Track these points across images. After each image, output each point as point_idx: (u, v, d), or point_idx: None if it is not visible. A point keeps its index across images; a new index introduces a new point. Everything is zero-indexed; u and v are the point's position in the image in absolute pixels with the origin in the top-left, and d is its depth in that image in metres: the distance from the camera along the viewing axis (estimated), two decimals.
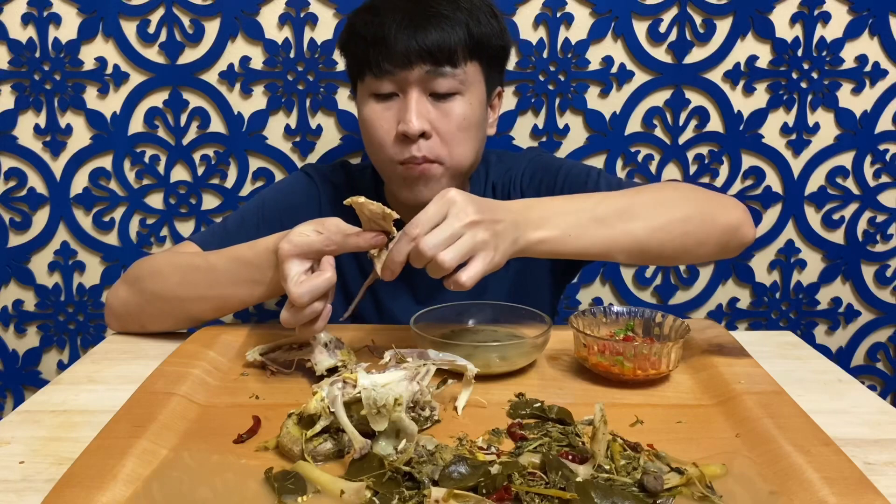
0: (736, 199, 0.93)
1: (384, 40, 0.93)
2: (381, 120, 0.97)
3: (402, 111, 0.95)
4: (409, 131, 0.94)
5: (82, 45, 1.39)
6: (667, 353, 0.78)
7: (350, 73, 1.04)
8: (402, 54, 0.92)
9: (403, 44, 0.92)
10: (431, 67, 0.93)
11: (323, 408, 0.62)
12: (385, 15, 0.94)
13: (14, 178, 1.45)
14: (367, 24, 0.95)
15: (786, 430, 0.65)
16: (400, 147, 0.96)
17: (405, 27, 0.92)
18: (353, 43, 0.98)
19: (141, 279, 0.97)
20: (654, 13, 1.40)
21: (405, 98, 0.95)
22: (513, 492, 0.55)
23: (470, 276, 0.72)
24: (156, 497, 0.56)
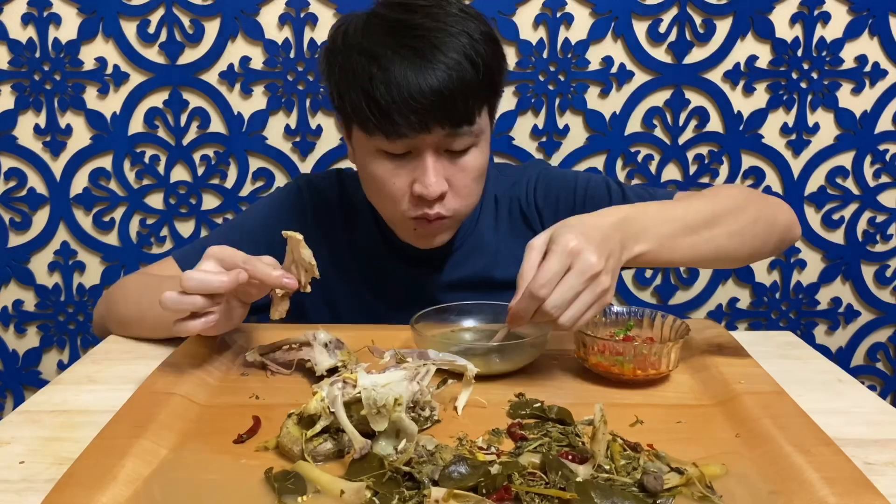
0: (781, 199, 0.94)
1: (397, 104, 0.84)
2: (394, 178, 0.90)
3: (417, 172, 0.88)
4: (428, 195, 0.88)
5: (82, 45, 1.39)
6: (667, 353, 0.78)
7: (345, 118, 0.93)
8: (419, 119, 0.84)
9: (420, 108, 0.84)
10: (451, 129, 0.87)
11: (323, 408, 0.62)
12: (389, 69, 0.84)
13: (14, 178, 1.45)
14: (370, 80, 0.85)
15: (786, 430, 0.65)
16: (413, 205, 0.91)
17: (418, 89, 0.83)
18: (354, 96, 0.87)
19: (109, 301, 1.00)
20: (654, 13, 1.40)
21: (420, 159, 0.88)
22: (513, 492, 0.55)
23: (579, 326, 0.73)
24: (156, 497, 0.56)
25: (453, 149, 0.89)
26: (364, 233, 1.06)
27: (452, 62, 0.85)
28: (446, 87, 0.84)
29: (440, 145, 0.88)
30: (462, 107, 0.86)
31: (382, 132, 0.86)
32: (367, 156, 0.91)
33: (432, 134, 0.86)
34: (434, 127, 0.86)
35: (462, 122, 0.87)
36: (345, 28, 0.90)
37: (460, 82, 0.85)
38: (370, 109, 0.85)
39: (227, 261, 0.76)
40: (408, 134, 0.85)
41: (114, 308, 0.98)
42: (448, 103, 0.85)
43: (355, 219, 1.07)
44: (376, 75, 0.84)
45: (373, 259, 1.05)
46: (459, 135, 0.88)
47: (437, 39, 0.85)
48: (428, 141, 0.87)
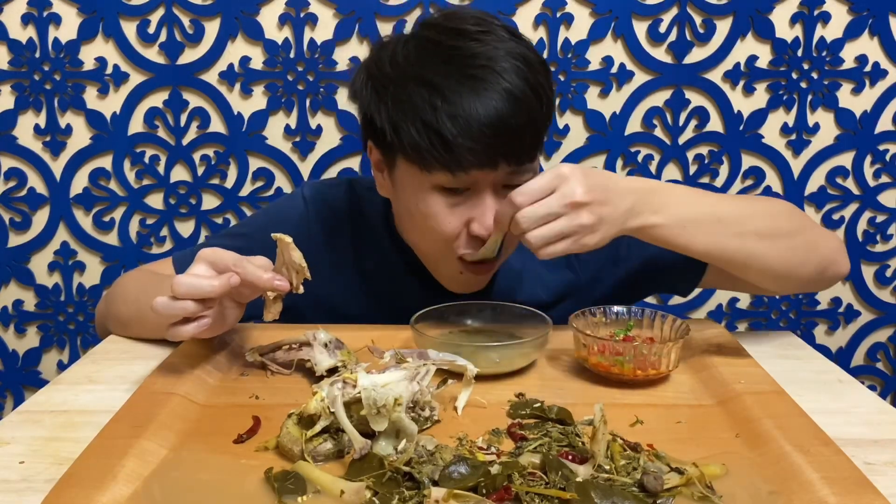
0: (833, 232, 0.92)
1: (467, 138, 0.79)
2: (450, 216, 0.84)
3: (476, 210, 0.84)
4: (485, 236, 0.84)
5: (82, 45, 1.39)
6: (667, 353, 0.78)
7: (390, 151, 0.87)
8: (487, 155, 0.80)
9: (489, 147, 0.80)
10: (516, 166, 0.83)
11: (323, 408, 0.62)
12: (457, 104, 0.79)
13: (14, 178, 1.45)
14: (434, 112, 0.79)
15: (786, 430, 0.65)
16: (466, 243, 0.86)
17: (488, 126, 0.79)
18: (413, 129, 0.81)
19: (108, 301, 1.00)
20: (654, 13, 1.40)
21: (479, 196, 0.83)
22: (513, 492, 0.55)
23: (546, 253, 0.73)
24: (156, 497, 0.56)
25: (512, 184, 0.82)
26: (378, 250, 1.01)
27: (518, 93, 0.80)
28: (514, 119, 0.80)
29: (500, 182, 0.84)
30: (529, 140, 0.83)
31: (446, 167, 0.81)
32: (418, 192, 0.85)
33: (497, 171, 0.82)
34: (500, 163, 0.81)
35: (527, 157, 0.84)
36: (391, 54, 0.85)
37: (527, 114, 0.81)
38: (433, 144, 0.80)
39: (218, 263, 0.75)
40: (473, 170, 0.81)
41: (113, 308, 0.98)
42: (515, 137, 0.81)
43: (368, 234, 1.02)
44: (441, 107, 0.79)
45: (386, 278, 1.01)
46: (521, 171, 0.84)
47: (500, 69, 0.80)
48: (490, 178, 0.83)
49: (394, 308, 0.99)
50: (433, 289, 0.98)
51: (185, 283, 0.73)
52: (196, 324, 0.74)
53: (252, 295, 0.79)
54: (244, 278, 0.74)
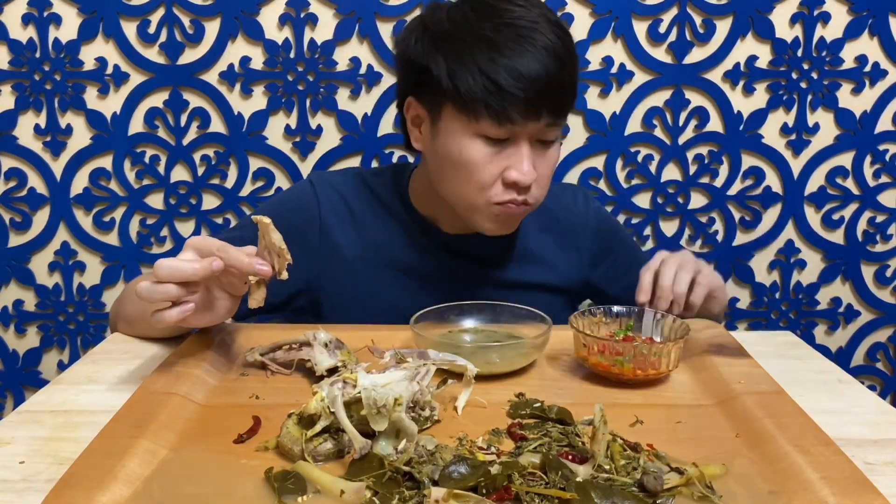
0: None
1: (519, 90, 0.87)
2: (489, 164, 0.92)
3: (513, 159, 0.92)
4: (524, 182, 0.92)
5: (82, 45, 1.39)
6: (667, 353, 0.78)
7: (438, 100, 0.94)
8: (533, 106, 0.89)
9: (536, 97, 0.88)
10: (553, 119, 0.91)
11: (323, 408, 0.62)
12: (512, 57, 0.88)
13: (14, 178, 1.45)
14: (491, 63, 0.88)
15: (786, 430, 0.65)
16: (503, 190, 0.93)
17: (537, 78, 0.88)
18: (470, 77, 0.89)
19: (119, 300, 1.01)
20: (654, 13, 1.40)
21: (517, 146, 0.92)
22: (513, 492, 0.55)
23: (695, 299, 0.89)
24: (156, 497, 0.56)
25: (545, 139, 0.94)
26: (397, 226, 1.06)
27: (560, 52, 0.90)
28: (559, 76, 0.89)
29: (536, 134, 0.93)
30: (569, 96, 0.93)
31: (494, 116, 0.89)
32: (461, 139, 0.93)
33: (540, 123, 0.91)
34: (544, 114, 0.90)
35: (564, 111, 0.93)
36: (447, 13, 0.94)
37: (568, 72, 0.91)
38: (488, 91, 0.88)
39: (202, 249, 0.75)
40: (518, 120, 0.89)
41: (121, 307, 0.99)
42: (558, 92, 0.90)
43: (382, 213, 1.07)
44: (500, 60, 0.88)
45: (408, 250, 1.06)
46: (556, 125, 0.93)
47: (543, 30, 0.90)
48: (530, 129, 0.91)
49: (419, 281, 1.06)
50: (455, 252, 1.06)
51: (167, 266, 0.73)
52: (179, 308, 0.74)
53: (240, 283, 0.80)
54: (227, 262, 0.75)
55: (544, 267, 1.10)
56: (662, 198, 1.49)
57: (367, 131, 1.43)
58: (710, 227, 1.51)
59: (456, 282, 1.05)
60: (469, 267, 1.07)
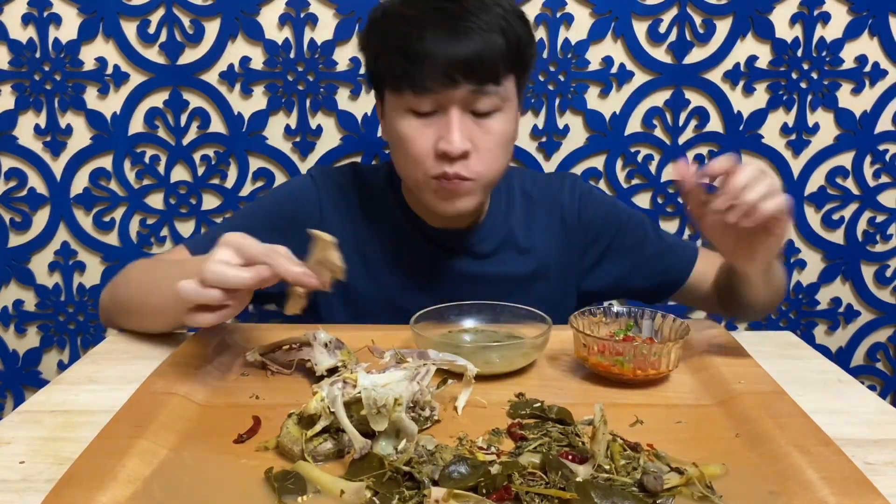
0: None
1: (428, 57, 0.89)
2: (421, 137, 0.93)
3: (442, 129, 0.92)
4: (451, 151, 0.91)
5: (82, 45, 1.39)
6: (667, 353, 0.78)
7: (376, 81, 1.00)
8: (447, 74, 0.89)
9: (448, 63, 0.89)
10: (476, 87, 0.91)
11: (323, 408, 0.62)
12: (424, 28, 0.89)
13: (14, 178, 1.45)
14: (405, 38, 0.90)
15: (786, 430, 0.65)
16: (436, 163, 0.93)
17: (448, 44, 0.89)
18: (388, 56, 0.93)
19: (113, 286, 1.00)
20: (654, 13, 1.40)
21: (446, 116, 0.92)
22: (513, 492, 0.55)
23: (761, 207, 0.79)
24: (156, 497, 0.56)
25: (478, 109, 0.93)
26: (389, 220, 1.07)
27: (483, 24, 0.90)
28: (475, 44, 0.89)
29: (466, 104, 0.92)
30: (489, 65, 0.91)
31: (411, 87, 0.90)
32: (396, 117, 0.95)
33: (458, 90, 0.90)
34: (461, 82, 0.89)
35: (487, 79, 0.91)
36: (384, 7, 0.97)
37: (488, 43, 0.90)
38: (402, 65, 0.90)
39: (244, 251, 0.74)
40: (435, 88, 0.90)
41: (115, 293, 0.98)
42: (475, 60, 0.89)
43: (376, 206, 1.08)
44: (411, 33, 0.90)
45: (397, 244, 1.07)
46: (485, 93, 0.92)
47: (470, 5, 0.90)
48: (454, 97, 0.91)
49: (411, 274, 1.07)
50: (442, 246, 1.07)
51: (216, 272, 0.71)
52: (218, 314, 0.73)
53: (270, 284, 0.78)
54: (275, 270, 0.73)
55: (532, 258, 1.10)
56: (662, 198, 1.49)
57: (367, 131, 1.43)
58: None
59: (444, 275, 1.06)
60: (456, 260, 1.07)
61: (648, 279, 1.13)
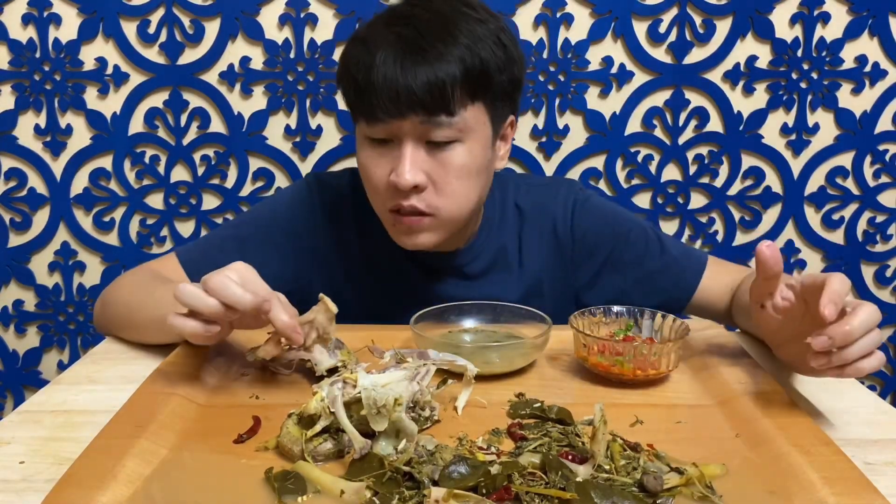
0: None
1: (374, 86, 0.85)
2: (376, 166, 0.90)
3: (395, 160, 0.88)
4: (400, 184, 0.87)
5: (82, 45, 1.39)
6: (667, 353, 0.78)
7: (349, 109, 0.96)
8: (393, 103, 0.84)
9: (394, 91, 0.84)
10: (425, 117, 0.86)
11: (323, 408, 0.62)
12: (375, 54, 0.85)
13: (14, 178, 1.45)
14: (357, 64, 0.87)
15: (786, 430, 0.65)
16: (392, 195, 0.90)
17: (395, 72, 0.84)
18: (345, 82, 0.91)
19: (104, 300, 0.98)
20: (654, 13, 1.40)
21: (399, 147, 0.88)
22: (513, 492, 0.55)
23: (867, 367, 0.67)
24: (156, 497, 0.56)
25: (433, 139, 0.88)
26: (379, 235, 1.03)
27: (435, 53, 0.84)
28: (423, 74, 0.84)
29: (420, 135, 0.87)
30: (438, 94, 0.85)
31: (363, 115, 0.88)
32: (359, 148, 0.93)
33: (408, 120, 0.86)
34: (408, 113, 0.85)
35: (438, 110, 0.86)
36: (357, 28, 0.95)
37: (440, 72, 0.84)
38: (354, 93, 0.88)
39: (249, 282, 0.72)
40: (383, 118, 0.86)
41: (107, 309, 0.97)
42: (425, 90, 0.84)
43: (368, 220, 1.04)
44: (363, 59, 0.86)
45: (387, 263, 1.03)
46: (438, 125, 0.86)
47: (426, 30, 0.86)
48: (405, 128, 0.87)
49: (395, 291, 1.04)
50: (433, 272, 1.03)
51: (221, 283, 0.70)
52: (205, 326, 0.71)
53: (254, 326, 0.78)
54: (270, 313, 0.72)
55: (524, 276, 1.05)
56: (662, 198, 1.49)
57: None
58: (710, 227, 1.51)
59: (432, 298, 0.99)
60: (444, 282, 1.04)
61: (651, 296, 1.03)
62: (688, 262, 1.06)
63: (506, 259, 1.05)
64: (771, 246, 0.71)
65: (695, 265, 1.05)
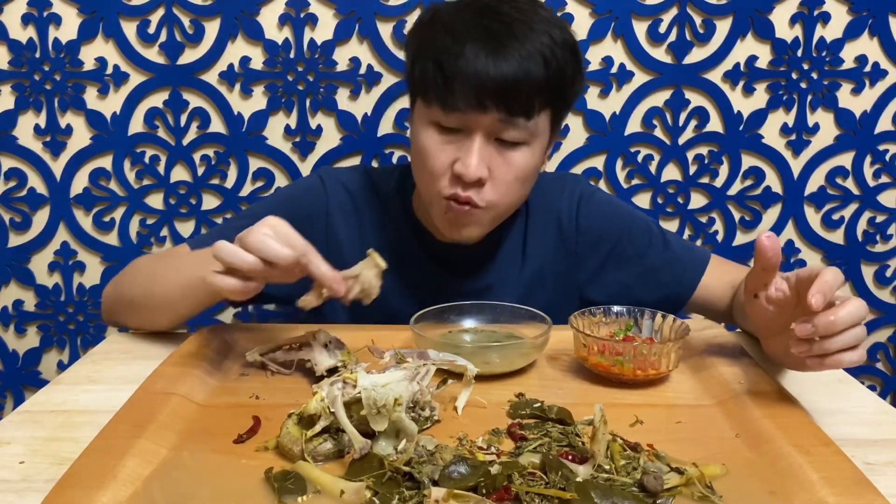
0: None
1: (461, 76, 0.85)
2: (440, 152, 0.90)
3: (462, 150, 0.89)
4: (466, 176, 0.88)
5: (82, 45, 1.39)
6: (667, 353, 0.78)
7: (410, 85, 0.96)
8: (478, 97, 0.86)
9: (482, 86, 0.85)
10: (506, 116, 0.87)
11: (323, 408, 0.62)
12: (464, 43, 0.86)
13: (14, 178, 1.45)
14: (445, 51, 0.87)
15: (786, 430, 0.65)
16: (450, 183, 0.91)
17: (486, 67, 0.85)
18: (424, 63, 0.90)
19: (117, 282, 0.99)
20: (654, 13, 1.40)
21: (469, 138, 0.89)
22: (513, 492, 0.55)
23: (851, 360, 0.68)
24: (156, 497, 0.56)
25: (504, 138, 0.89)
26: (393, 228, 1.05)
27: (525, 53, 0.86)
28: (513, 73, 0.85)
29: (492, 131, 0.89)
30: (523, 97, 0.87)
31: (440, 102, 0.88)
32: (420, 126, 0.93)
33: (487, 115, 0.87)
34: (490, 108, 0.86)
35: (519, 112, 0.88)
36: (435, 9, 0.94)
37: (527, 73, 0.86)
38: (435, 78, 0.87)
39: (286, 237, 0.74)
40: (463, 109, 0.87)
41: (120, 288, 0.97)
42: (510, 89, 0.86)
43: (384, 214, 1.06)
44: (451, 48, 0.87)
45: (400, 255, 1.03)
46: (513, 125, 0.88)
47: (517, 29, 0.87)
48: (481, 122, 0.88)
49: (408, 285, 1.05)
50: (445, 265, 1.04)
51: (259, 240, 0.72)
52: (243, 283, 0.73)
53: (288, 280, 0.78)
54: (309, 266, 0.74)
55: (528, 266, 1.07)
56: (662, 198, 1.49)
57: (367, 131, 1.43)
58: (710, 227, 1.51)
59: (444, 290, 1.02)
60: (454, 276, 1.05)
61: (653, 291, 1.06)
62: (690, 259, 1.07)
63: (510, 251, 1.07)
64: (771, 237, 0.71)
65: (697, 262, 1.07)
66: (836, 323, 0.65)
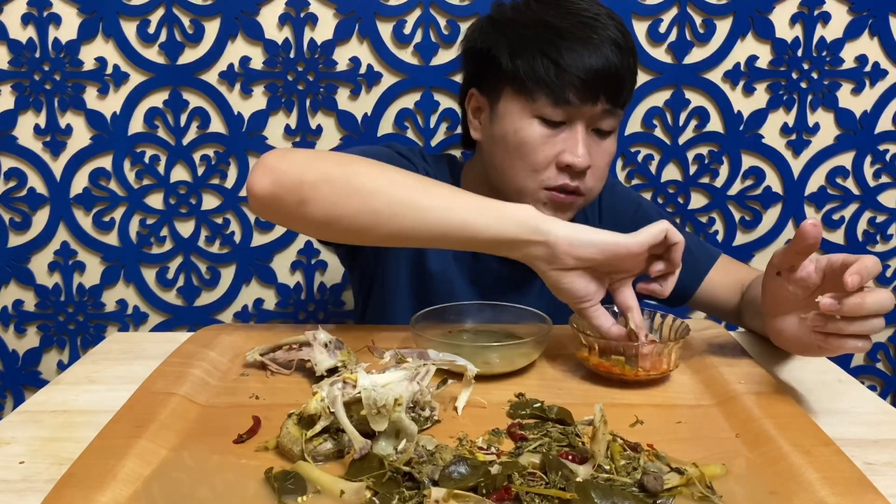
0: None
1: (576, 71, 0.90)
2: (546, 145, 0.94)
3: (568, 142, 0.93)
4: (578, 165, 0.92)
5: (82, 45, 1.39)
6: (667, 353, 0.78)
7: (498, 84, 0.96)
8: (590, 90, 0.91)
9: (594, 79, 0.90)
10: (610, 106, 0.93)
11: (323, 408, 0.62)
12: (577, 44, 0.91)
13: (14, 178, 1.45)
14: (560, 49, 0.91)
15: (786, 430, 0.65)
16: (556, 174, 0.94)
17: (595, 62, 0.90)
18: (535, 60, 0.92)
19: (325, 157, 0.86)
20: (654, 13, 1.40)
21: (572, 129, 0.93)
22: (513, 492, 0.55)
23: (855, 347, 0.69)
24: (156, 497, 0.56)
25: (601, 128, 0.95)
26: None
27: (621, 42, 0.93)
28: (616, 65, 0.92)
29: (593, 121, 0.94)
30: (627, 85, 0.95)
31: (552, 96, 0.91)
32: (519, 120, 0.94)
33: (597, 106, 0.92)
34: (599, 100, 0.92)
35: (621, 101, 0.94)
36: (511, 6, 0.99)
37: (626, 64, 0.93)
38: (548, 71, 0.91)
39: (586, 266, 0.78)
40: (576, 102, 0.91)
41: (324, 165, 0.83)
42: (616, 80, 0.92)
43: None
44: (562, 44, 0.91)
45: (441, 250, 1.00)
46: (612, 114, 0.95)
47: (605, 22, 0.93)
48: (586, 114, 0.93)
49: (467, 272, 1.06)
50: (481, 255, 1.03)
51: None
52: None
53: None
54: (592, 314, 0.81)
55: None
56: (662, 198, 1.49)
57: (367, 131, 1.43)
58: (710, 227, 1.51)
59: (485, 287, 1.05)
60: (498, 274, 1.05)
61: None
62: (700, 253, 1.10)
63: None
64: (817, 226, 0.72)
65: (706, 256, 1.10)
66: (862, 306, 0.65)
